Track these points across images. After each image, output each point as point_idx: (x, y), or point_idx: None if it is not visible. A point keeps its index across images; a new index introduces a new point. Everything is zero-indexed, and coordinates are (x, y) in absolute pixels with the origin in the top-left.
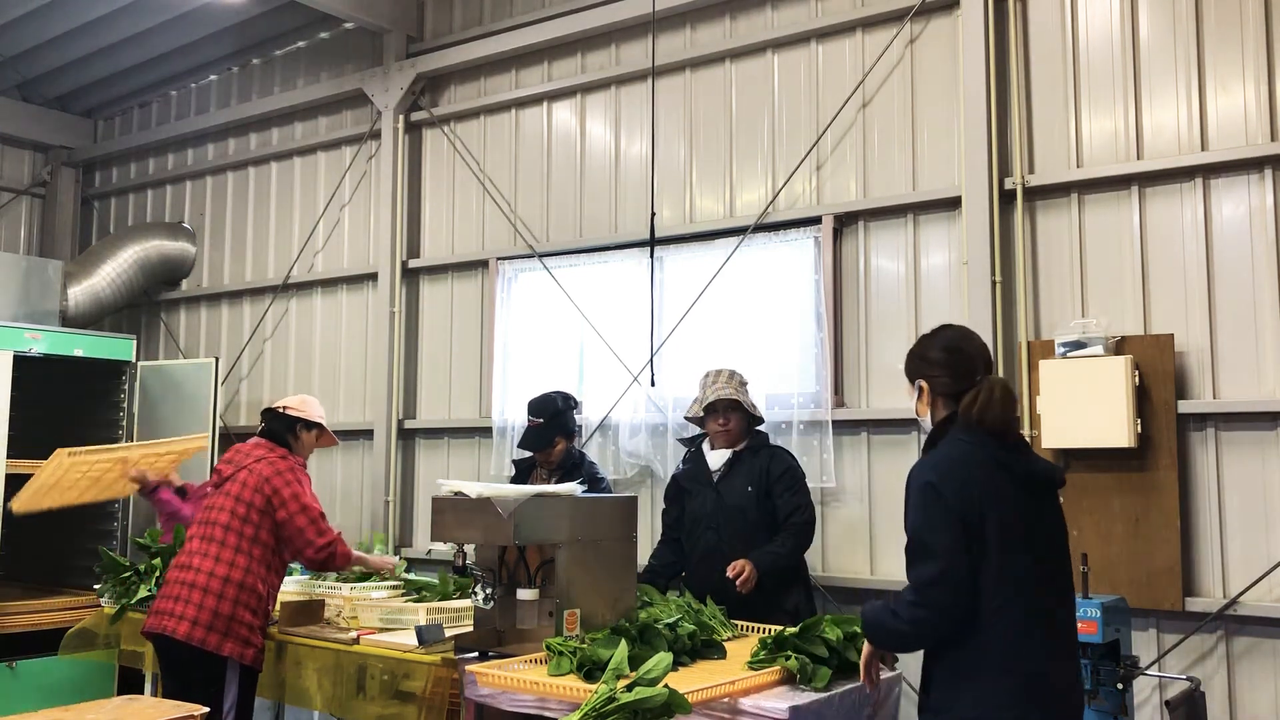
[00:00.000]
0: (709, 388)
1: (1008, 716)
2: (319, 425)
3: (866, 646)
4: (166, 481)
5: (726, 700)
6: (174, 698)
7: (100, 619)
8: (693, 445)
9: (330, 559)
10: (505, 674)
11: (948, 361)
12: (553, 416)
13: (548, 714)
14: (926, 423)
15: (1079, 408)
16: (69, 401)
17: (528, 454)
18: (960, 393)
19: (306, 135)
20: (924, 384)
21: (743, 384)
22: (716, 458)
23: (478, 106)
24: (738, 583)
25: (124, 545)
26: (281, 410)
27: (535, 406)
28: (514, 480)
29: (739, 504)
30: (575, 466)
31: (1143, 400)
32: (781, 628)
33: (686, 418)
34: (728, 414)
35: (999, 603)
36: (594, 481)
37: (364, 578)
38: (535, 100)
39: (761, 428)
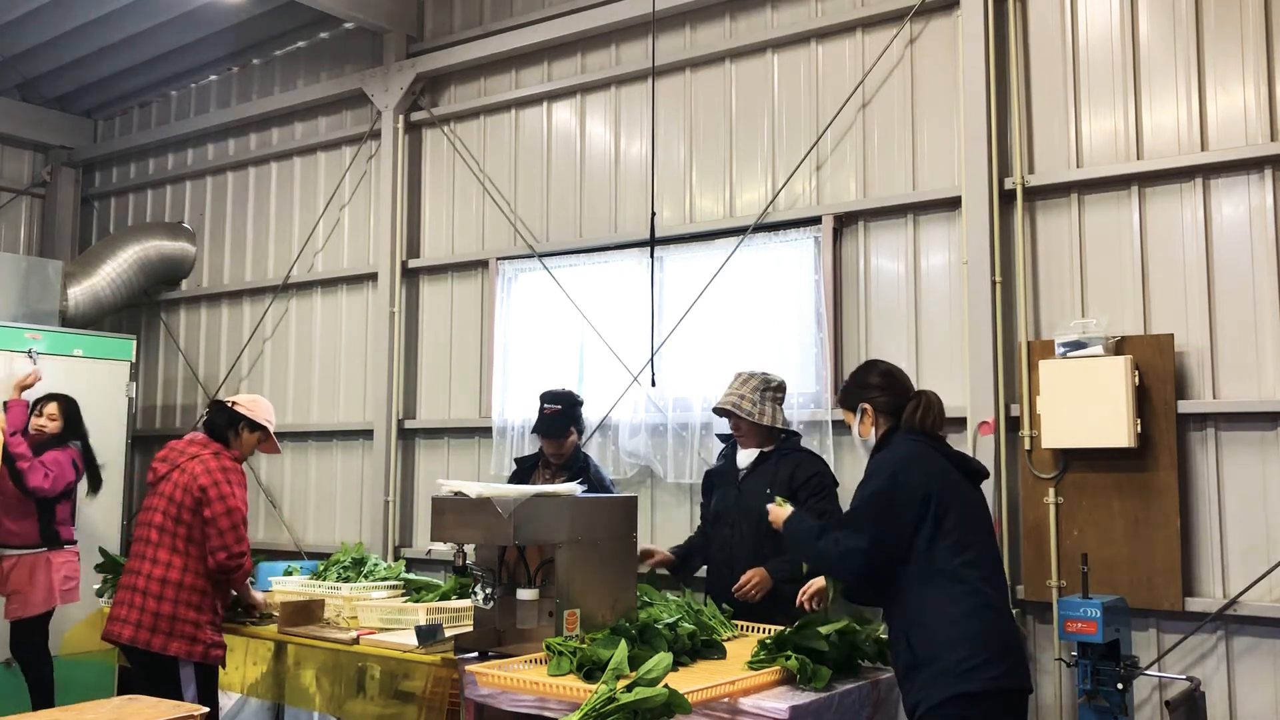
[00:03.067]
0: (724, 390)
1: (981, 658)
2: (264, 429)
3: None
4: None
5: (726, 700)
6: None
7: (100, 619)
8: (728, 441)
9: (237, 569)
10: (505, 674)
11: (885, 384)
12: (569, 407)
13: (548, 714)
14: (870, 441)
15: (1079, 408)
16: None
17: (529, 453)
18: (898, 409)
19: (306, 135)
20: (867, 406)
21: (763, 389)
22: (745, 456)
23: (478, 106)
24: (736, 594)
25: (124, 545)
26: (230, 405)
27: (551, 396)
28: (515, 478)
29: (757, 505)
30: (583, 469)
31: (1143, 400)
32: (782, 628)
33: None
34: (735, 419)
35: (959, 564)
36: (600, 486)
37: (355, 578)
38: (535, 100)
39: (795, 428)
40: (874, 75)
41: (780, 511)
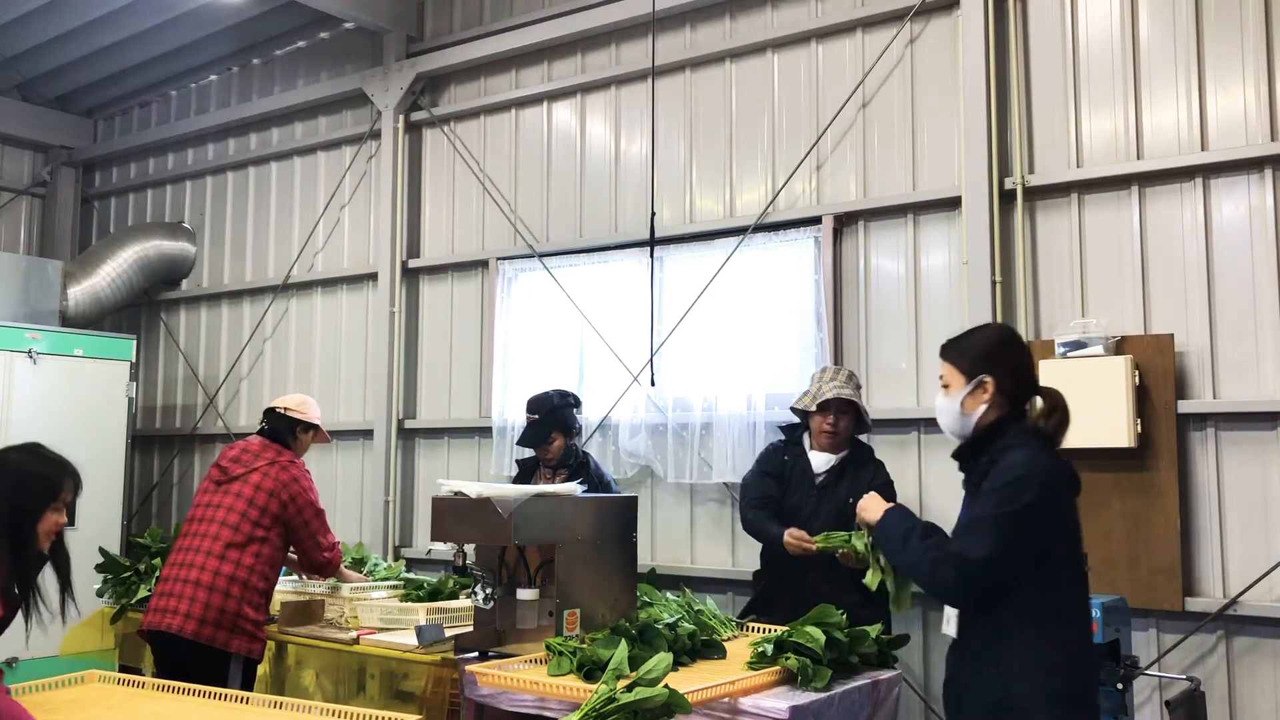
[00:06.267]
0: (825, 383)
1: (1083, 706)
2: (315, 426)
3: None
4: None
5: (726, 700)
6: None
7: (100, 619)
8: (794, 435)
9: (329, 563)
10: (505, 674)
11: (1019, 365)
12: (548, 413)
13: (548, 714)
14: (969, 419)
15: (1079, 408)
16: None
17: (531, 454)
18: (1018, 398)
19: (306, 135)
20: (990, 381)
21: (858, 387)
22: (820, 460)
23: (478, 106)
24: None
25: (123, 545)
26: (283, 411)
27: (532, 404)
28: (517, 479)
29: (843, 516)
30: (582, 466)
31: (1143, 400)
32: (784, 629)
33: (793, 408)
34: (839, 415)
35: (1072, 604)
36: (601, 483)
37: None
38: (535, 100)
39: (864, 436)
40: (874, 75)
41: (874, 504)
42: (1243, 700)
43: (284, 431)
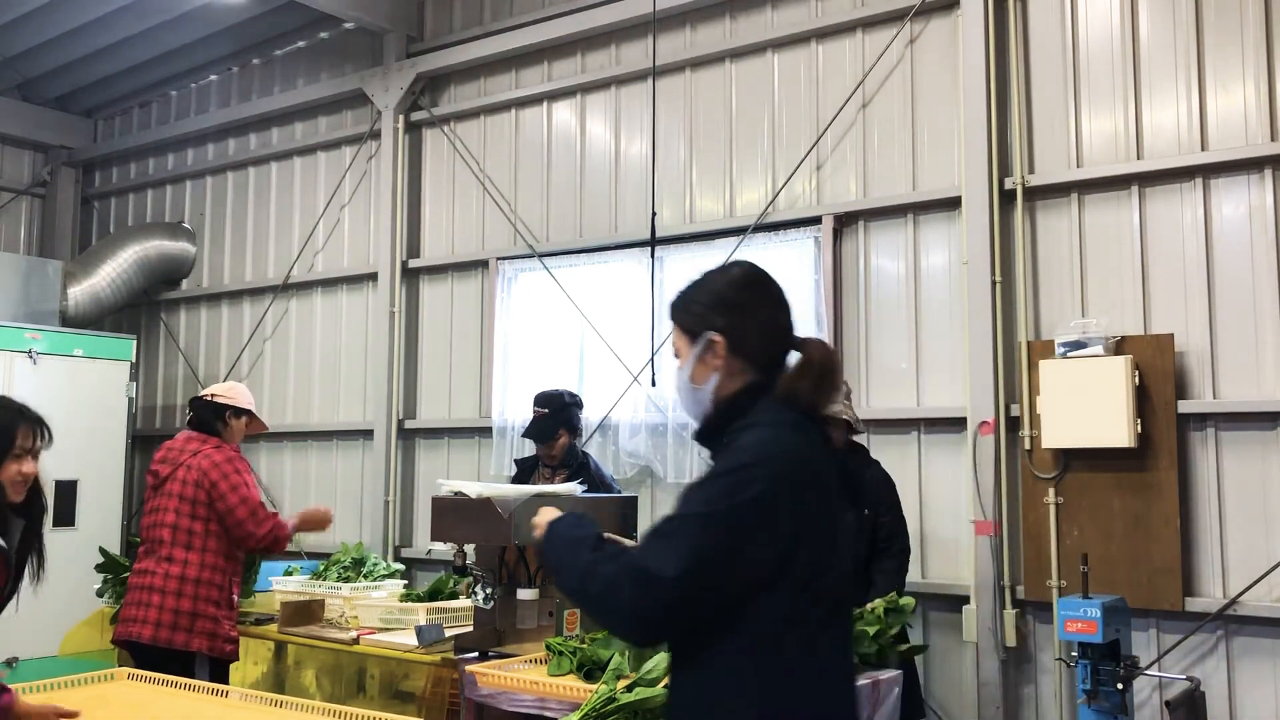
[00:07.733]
0: None
1: None
2: (248, 412)
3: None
4: None
5: None
6: None
7: (100, 619)
8: None
9: (275, 544)
10: (505, 674)
11: (760, 317)
12: (558, 409)
13: (548, 714)
14: (701, 392)
15: (1079, 408)
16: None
17: (530, 454)
18: (768, 360)
19: (306, 135)
20: (719, 339)
21: (848, 395)
22: None
23: (478, 106)
24: None
25: (124, 545)
26: (210, 398)
27: (541, 398)
28: (515, 479)
29: (861, 527)
30: (582, 466)
31: (1143, 400)
32: None
33: None
34: (834, 430)
35: (813, 646)
36: (602, 484)
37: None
38: (535, 100)
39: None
40: (874, 75)
41: (545, 512)
42: (1243, 700)
43: (210, 419)
